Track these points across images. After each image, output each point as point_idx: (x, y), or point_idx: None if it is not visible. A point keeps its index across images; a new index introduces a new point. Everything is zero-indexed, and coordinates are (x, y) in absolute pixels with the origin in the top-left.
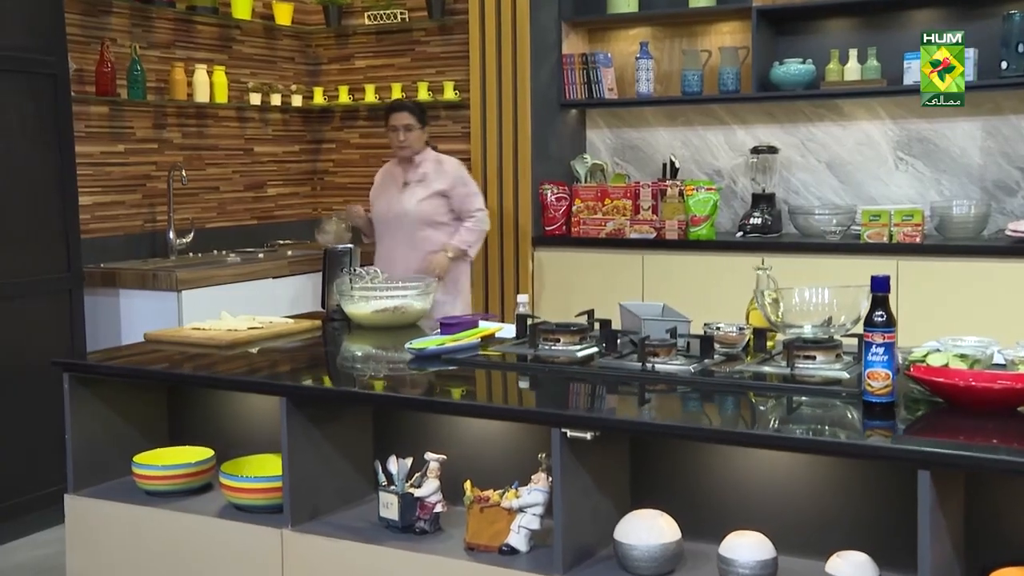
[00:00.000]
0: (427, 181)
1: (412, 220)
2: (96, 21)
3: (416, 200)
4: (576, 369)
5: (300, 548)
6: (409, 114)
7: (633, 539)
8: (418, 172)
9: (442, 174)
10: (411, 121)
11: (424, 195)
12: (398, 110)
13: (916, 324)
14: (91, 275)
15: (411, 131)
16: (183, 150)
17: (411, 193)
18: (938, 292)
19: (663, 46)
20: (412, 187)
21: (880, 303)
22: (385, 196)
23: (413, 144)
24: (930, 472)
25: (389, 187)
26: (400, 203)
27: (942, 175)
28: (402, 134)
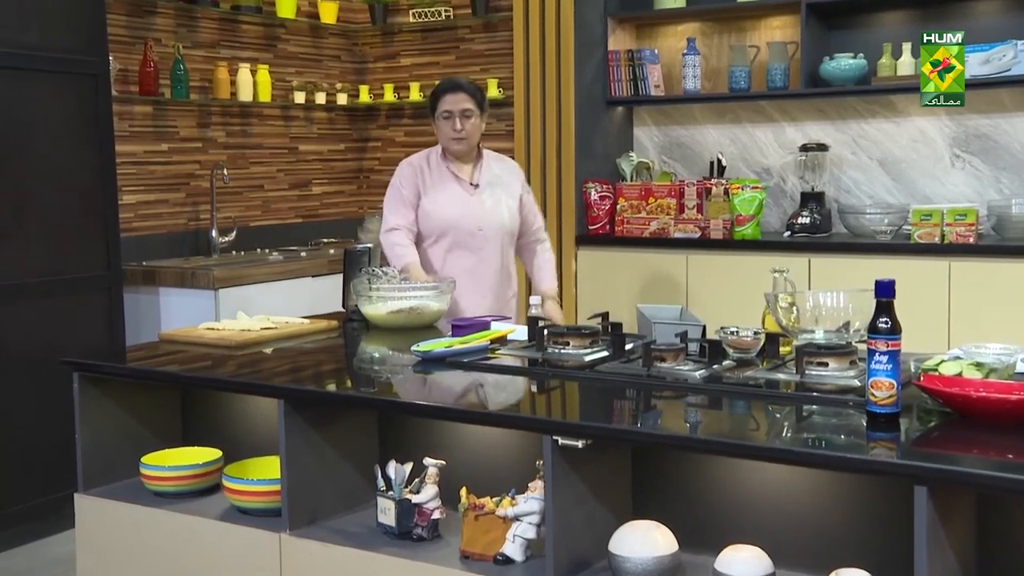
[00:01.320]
0: (506, 184)
1: (503, 236)
2: (141, 22)
3: (508, 209)
4: (579, 374)
5: (297, 553)
6: (468, 96)
7: (627, 551)
8: (485, 173)
9: (513, 176)
10: (470, 105)
11: (514, 206)
12: (453, 90)
13: (967, 328)
14: (132, 273)
15: (470, 118)
16: (227, 149)
17: (494, 198)
18: (992, 295)
19: (711, 42)
20: (490, 191)
21: (884, 309)
22: (455, 199)
23: (472, 136)
24: (928, 488)
25: (450, 188)
26: (485, 212)
27: (1001, 173)
28: (459, 121)
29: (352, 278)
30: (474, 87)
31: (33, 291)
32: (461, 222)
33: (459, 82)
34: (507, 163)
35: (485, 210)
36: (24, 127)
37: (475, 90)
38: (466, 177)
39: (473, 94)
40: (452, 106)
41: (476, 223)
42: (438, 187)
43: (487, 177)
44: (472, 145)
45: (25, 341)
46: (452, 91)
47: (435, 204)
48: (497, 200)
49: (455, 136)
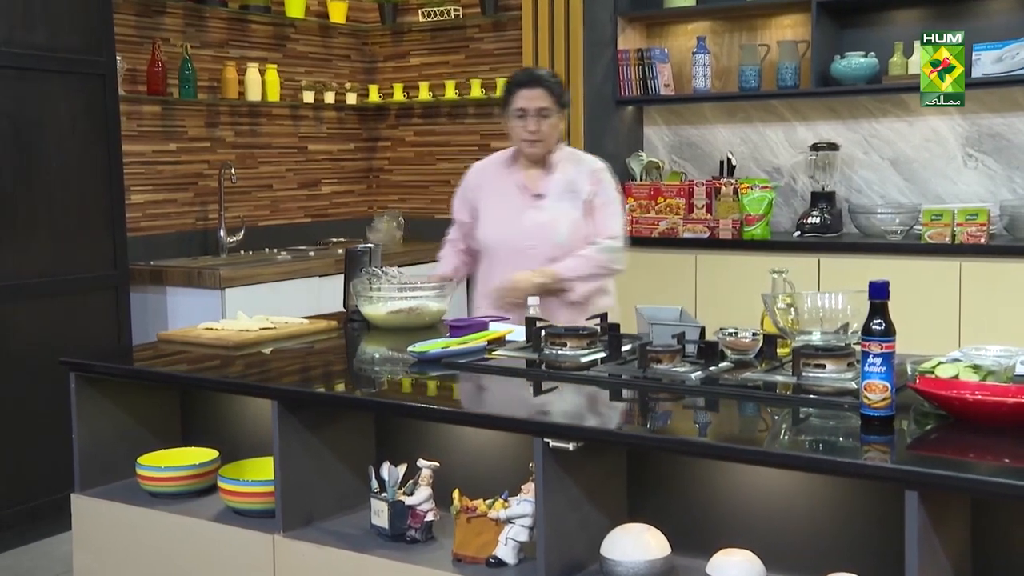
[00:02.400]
0: (575, 192)
1: (558, 254)
2: (150, 21)
3: (569, 223)
4: (574, 375)
5: (290, 554)
6: (546, 92)
7: (618, 554)
8: (556, 180)
9: (590, 177)
10: (548, 103)
11: (577, 217)
12: (530, 84)
13: (978, 329)
14: (139, 272)
15: (547, 117)
16: (236, 148)
17: (557, 211)
18: (1004, 295)
19: (721, 41)
20: (555, 202)
21: (878, 311)
22: (509, 211)
23: (548, 137)
24: (919, 493)
25: (508, 198)
26: (539, 227)
27: (1015, 172)
28: (533, 122)
29: (353, 278)
30: (554, 80)
31: (40, 290)
32: (508, 239)
33: (537, 75)
34: (584, 163)
35: (538, 225)
36: (32, 127)
37: (555, 84)
38: (532, 186)
39: (552, 89)
40: (527, 103)
41: (527, 240)
42: (495, 197)
43: (558, 184)
44: (548, 147)
45: (32, 340)
46: (528, 85)
47: (489, 217)
48: (559, 212)
49: (529, 138)
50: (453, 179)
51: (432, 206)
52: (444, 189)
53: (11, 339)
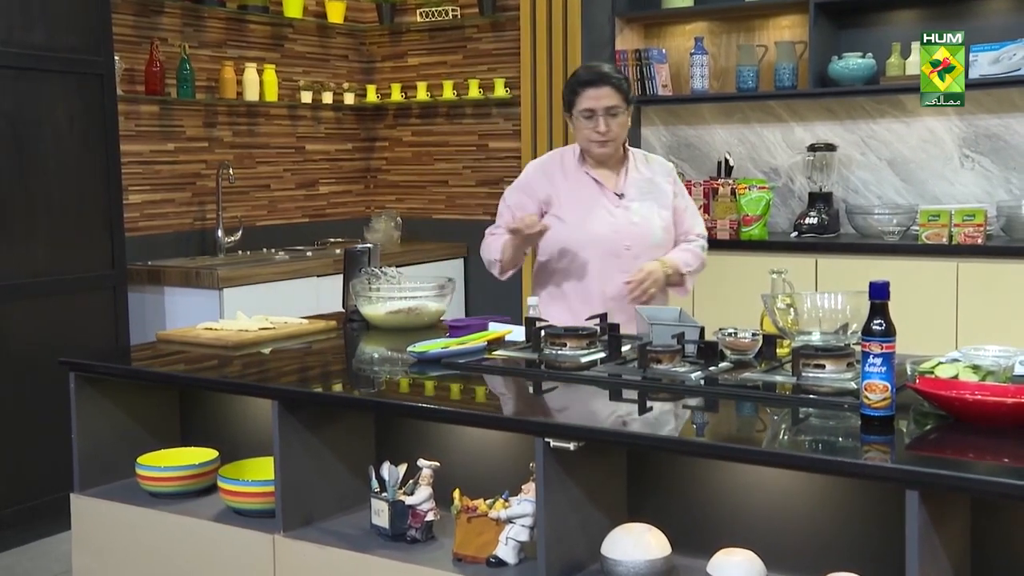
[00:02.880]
0: (658, 190)
1: (656, 255)
2: (147, 21)
3: (661, 222)
4: (575, 375)
5: (291, 554)
6: (614, 90)
7: (619, 554)
8: (633, 179)
9: (666, 177)
10: (617, 101)
11: (667, 215)
12: (596, 83)
13: (975, 329)
14: (137, 272)
15: (616, 116)
16: (233, 148)
17: (646, 210)
18: (1001, 296)
19: (719, 41)
20: (640, 201)
21: (878, 311)
22: (599, 211)
23: (619, 136)
24: (919, 493)
25: (589, 199)
26: (635, 227)
27: (1011, 173)
28: (603, 122)
29: (352, 278)
30: (620, 76)
31: (38, 290)
32: (607, 240)
33: (604, 73)
34: (656, 162)
35: (634, 225)
36: (30, 126)
37: (621, 80)
38: (610, 185)
39: (620, 86)
40: (595, 103)
41: (624, 241)
42: (575, 196)
43: (636, 184)
44: (618, 146)
45: (30, 340)
46: (595, 84)
47: (573, 217)
48: (648, 212)
49: (599, 139)
50: (451, 179)
51: (430, 206)
52: (441, 189)
53: (9, 339)
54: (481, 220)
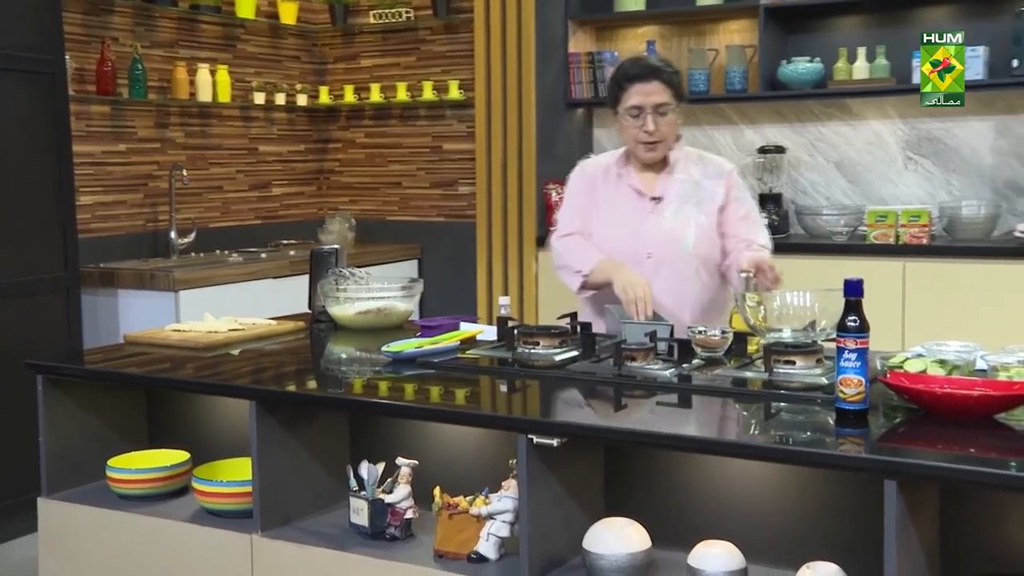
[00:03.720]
0: (701, 196)
1: (685, 263)
2: (98, 20)
3: (696, 229)
4: (551, 373)
5: (269, 554)
6: (664, 85)
7: (601, 548)
8: (676, 181)
9: (719, 181)
10: (667, 98)
11: (706, 223)
12: (644, 77)
13: (923, 328)
14: (89, 275)
15: (665, 114)
16: (186, 149)
17: (680, 215)
18: (945, 294)
19: (670, 45)
20: (677, 205)
21: (853, 308)
22: (627, 218)
23: (669, 137)
24: (897, 482)
25: (627, 204)
26: (661, 233)
27: (952, 175)
28: (651, 120)
29: (319, 279)
30: (671, 71)
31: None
32: (625, 248)
33: (653, 66)
34: (711, 163)
35: (661, 231)
36: None
37: (672, 75)
38: (648, 189)
39: (670, 81)
40: (643, 99)
41: (645, 249)
42: (609, 203)
43: (678, 186)
44: (668, 148)
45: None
46: (643, 79)
47: (600, 224)
48: (683, 217)
49: (646, 139)
50: (404, 181)
51: (383, 208)
52: (395, 191)
53: None
54: (435, 221)
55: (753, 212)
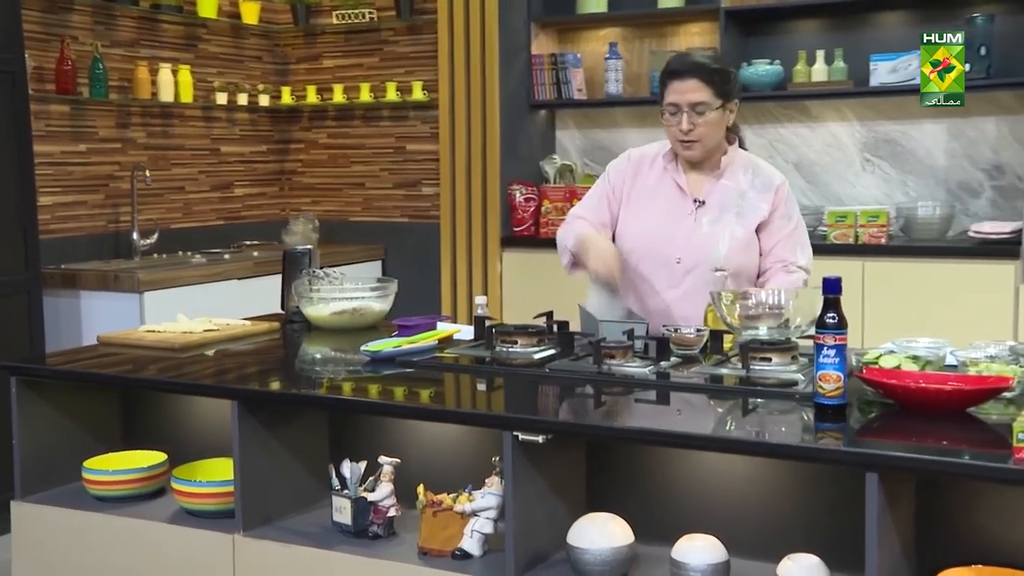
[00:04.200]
0: (743, 206)
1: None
2: (57, 19)
3: (730, 240)
4: (531, 371)
5: (252, 553)
6: (702, 83)
7: (585, 543)
8: (723, 187)
9: (765, 194)
10: (705, 97)
11: (743, 236)
12: (680, 74)
13: (882, 325)
14: (50, 276)
15: (703, 114)
16: (147, 150)
17: (717, 223)
18: (903, 293)
19: (632, 47)
20: (717, 212)
21: (832, 305)
22: (664, 216)
23: (707, 137)
24: (878, 475)
25: (662, 200)
26: (696, 239)
27: (908, 176)
28: (687, 120)
29: (292, 279)
30: (714, 67)
31: None
32: (655, 248)
33: (693, 62)
34: (761, 174)
35: (697, 236)
36: None
37: (715, 72)
38: (692, 190)
39: (711, 79)
40: (679, 97)
41: (676, 252)
42: (648, 195)
43: (723, 193)
44: (708, 149)
45: None
46: (681, 76)
47: (633, 217)
48: (719, 226)
49: (682, 139)
50: (367, 181)
51: (346, 208)
52: (358, 192)
53: None
54: (399, 222)
55: (798, 231)
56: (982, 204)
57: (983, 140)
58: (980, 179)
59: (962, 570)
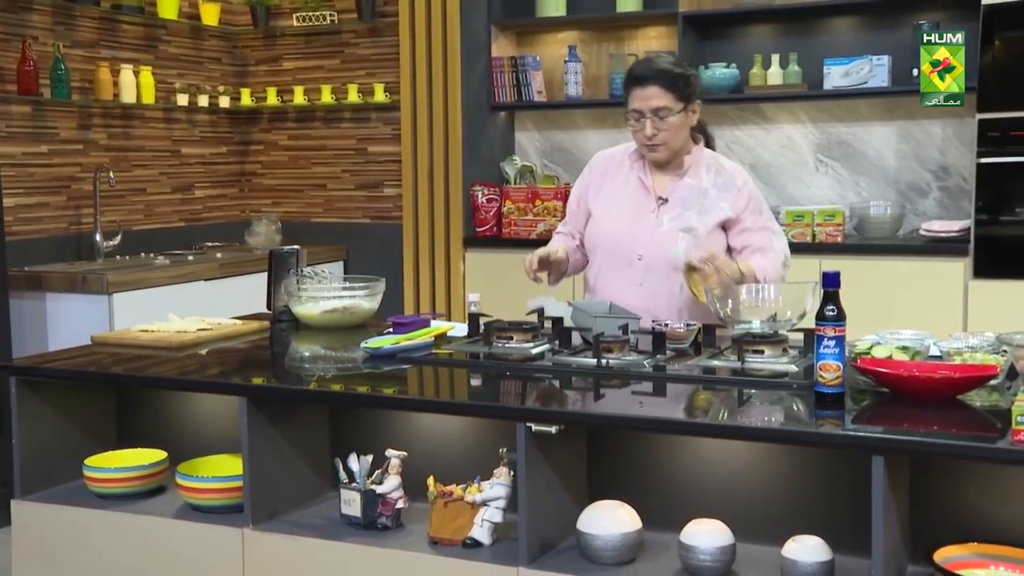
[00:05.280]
0: (706, 208)
1: (670, 268)
2: (16, 18)
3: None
4: (533, 365)
5: (262, 547)
6: (662, 88)
7: (596, 529)
8: (685, 185)
9: (727, 194)
10: (666, 102)
11: (702, 231)
12: (641, 82)
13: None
14: (15, 278)
15: (666, 118)
16: (109, 151)
17: (677, 224)
18: (859, 289)
19: (591, 50)
20: (677, 211)
21: (831, 298)
22: (627, 214)
23: (671, 140)
24: (884, 458)
25: (632, 199)
26: (655, 236)
27: (860, 177)
28: (650, 125)
29: (280, 279)
30: (675, 72)
31: None
32: (618, 245)
33: (653, 69)
34: (724, 173)
35: (657, 234)
36: None
37: (675, 77)
38: (656, 188)
39: (672, 85)
40: (641, 104)
41: (638, 249)
42: (615, 195)
43: (686, 191)
44: (673, 150)
45: None
46: (642, 83)
47: (599, 215)
48: (679, 223)
49: (647, 143)
50: (329, 183)
51: (307, 209)
52: (319, 193)
53: None
54: (360, 223)
55: (769, 225)
56: (930, 204)
57: (930, 142)
58: (928, 179)
59: (959, 547)
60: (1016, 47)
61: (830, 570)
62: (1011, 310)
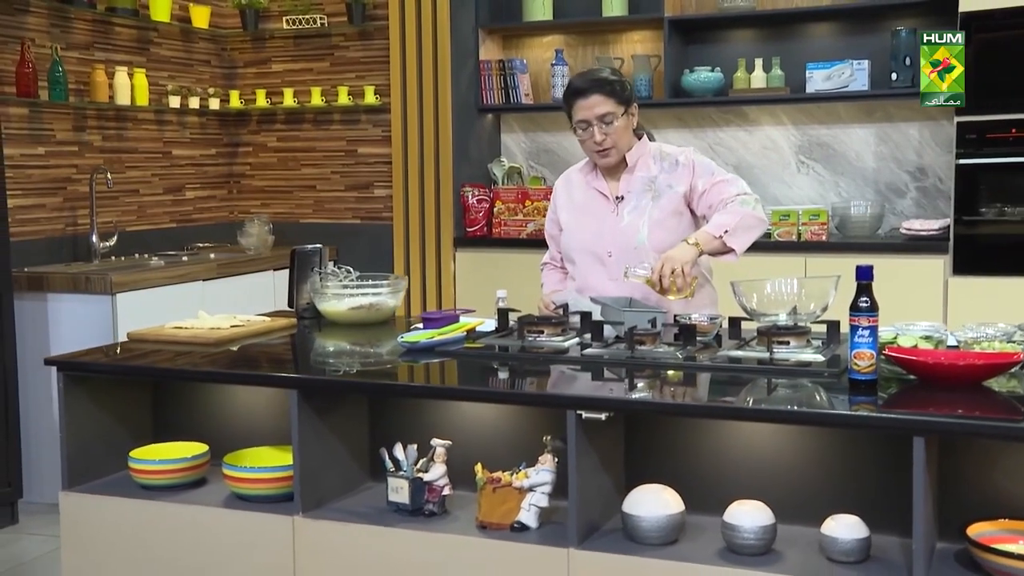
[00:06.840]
0: (658, 192)
1: (643, 256)
2: (13, 20)
3: (650, 227)
4: (570, 357)
5: (312, 534)
6: (605, 97)
7: (642, 511)
8: (637, 179)
9: (673, 174)
10: (609, 108)
11: (660, 216)
12: (583, 93)
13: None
14: (16, 279)
15: (612, 122)
16: (103, 152)
17: (635, 212)
18: (843, 286)
19: (577, 53)
20: (634, 203)
21: (864, 290)
22: (590, 219)
23: (619, 143)
24: (924, 439)
25: (592, 205)
26: (619, 232)
27: (840, 178)
28: (598, 131)
29: (303, 277)
30: (611, 81)
31: None
32: (590, 246)
33: (592, 80)
34: (667, 157)
35: (618, 230)
36: None
37: (613, 83)
38: (612, 191)
39: (611, 91)
40: (587, 113)
41: (606, 248)
42: (578, 206)
43: (637, 183)
44: (622, 152)
45: None
46: (583, 94)
47: (568, 224)
48: (637, 213)
49: (598, 149)
50: (318, 184)
51: (296, 211)
52: (308, 194)
53: None
54: (350, 223)
55: (719, 176)
56: (907, 204)
57: (907, 144)
58: (905, 180)
59: (989, 523)
60: (993, 53)
61: (867, 547)
62: (989, 305)
